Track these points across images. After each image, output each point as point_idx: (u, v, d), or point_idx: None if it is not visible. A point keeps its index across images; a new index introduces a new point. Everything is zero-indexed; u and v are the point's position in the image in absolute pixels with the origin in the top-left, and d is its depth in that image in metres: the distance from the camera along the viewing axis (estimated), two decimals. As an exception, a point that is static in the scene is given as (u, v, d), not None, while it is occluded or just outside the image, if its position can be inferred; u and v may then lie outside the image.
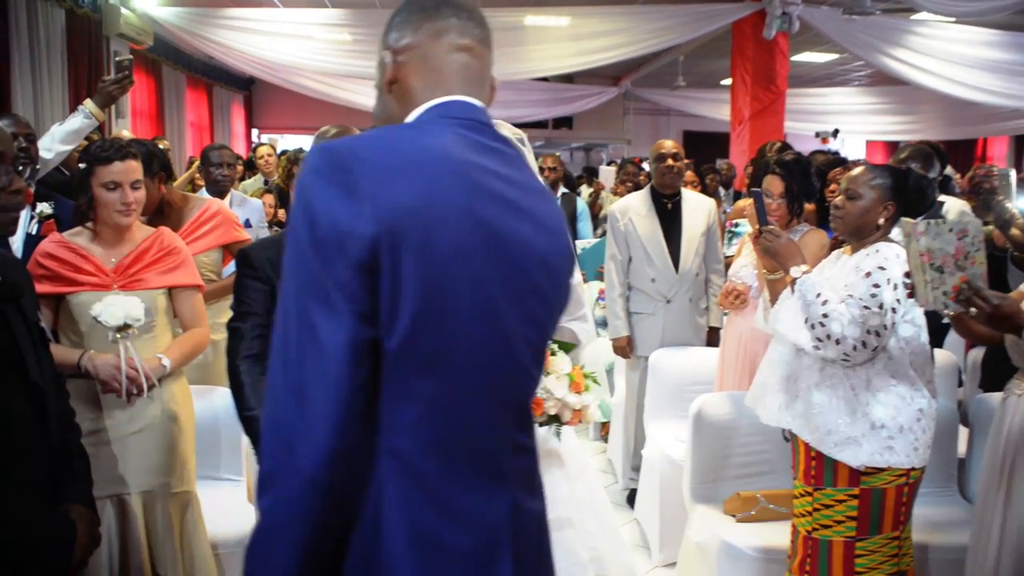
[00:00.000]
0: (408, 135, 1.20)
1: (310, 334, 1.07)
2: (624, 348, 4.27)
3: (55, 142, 3.42)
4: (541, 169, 5.97)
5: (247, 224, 4.44)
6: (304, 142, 10.71)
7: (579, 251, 5.53)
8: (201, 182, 6.56)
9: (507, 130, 2.36)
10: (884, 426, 2.42)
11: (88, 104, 3.38)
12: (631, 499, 4.32)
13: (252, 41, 9.48)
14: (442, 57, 1.27)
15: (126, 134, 6.06)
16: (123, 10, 8.44)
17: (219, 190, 4.43)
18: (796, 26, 7.73)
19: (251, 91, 14.50)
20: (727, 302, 3.54)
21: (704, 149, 13.07)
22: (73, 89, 7.87)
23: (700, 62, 11.78)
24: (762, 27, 7.76)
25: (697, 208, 4.25)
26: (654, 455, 3.82)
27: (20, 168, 3.10)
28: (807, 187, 3.37)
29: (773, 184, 3.33)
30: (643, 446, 4.08)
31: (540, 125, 14.55)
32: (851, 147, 14.87)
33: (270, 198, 5.91)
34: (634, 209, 4.26)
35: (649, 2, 8.65)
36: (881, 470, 2.42)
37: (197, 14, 9.16)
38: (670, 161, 4.17)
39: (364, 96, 11.76)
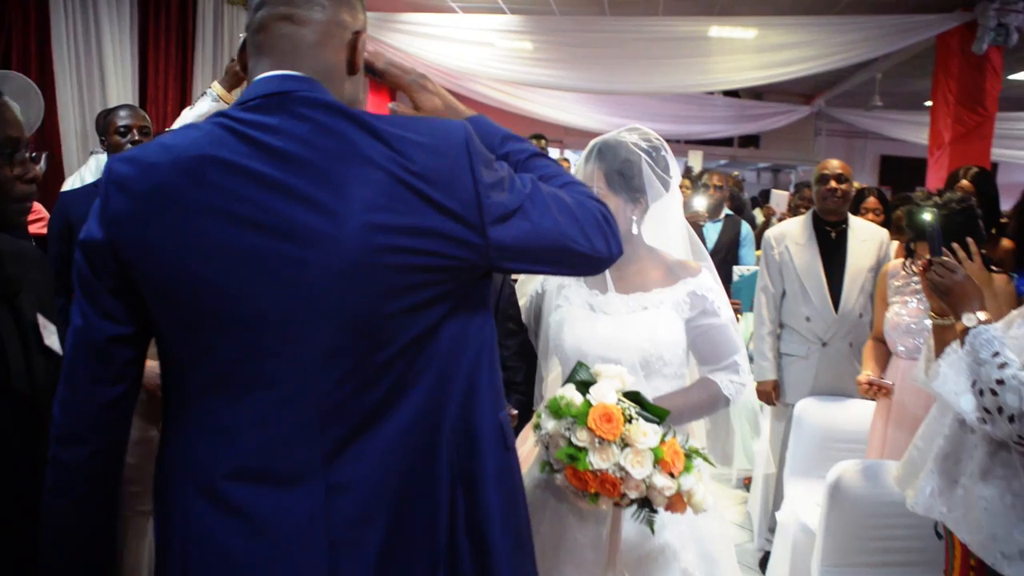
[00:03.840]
0: (167, 138, 1.24)
1: (70, 326, 1.27)
2: (769, 394, 3.79)
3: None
4: (705, 186, 5.51)
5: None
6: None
7: (736, 278, 5.03)
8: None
9: (637, 136, 2.02)
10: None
11: (215, 87, 3.26)
12: (763, 563, 3.81)
13: (430, 47, 9.50)
14: None
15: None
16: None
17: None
18: (1014, 39, 6.79)
19: (436, 97, 14.63)
20: (869, 392, 3.04)
21: (904, 176, 12.02)
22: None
23: (900, 80, 10.79)
24: (971, 40, 6.87)
25: (866, 239, 3.70)
26: (788, 519, 3.32)
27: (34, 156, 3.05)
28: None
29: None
30: (780, 506, 3.58)
31: (725, 143, 13.90)
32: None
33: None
34: (791, 236, 3.76)
35: (842, 13, 7.94)
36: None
37: (376, 19, 9.25)
38: (833, 183, 3.66)
39: (546, 107, 11.64)
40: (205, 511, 1.18)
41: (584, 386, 1.79)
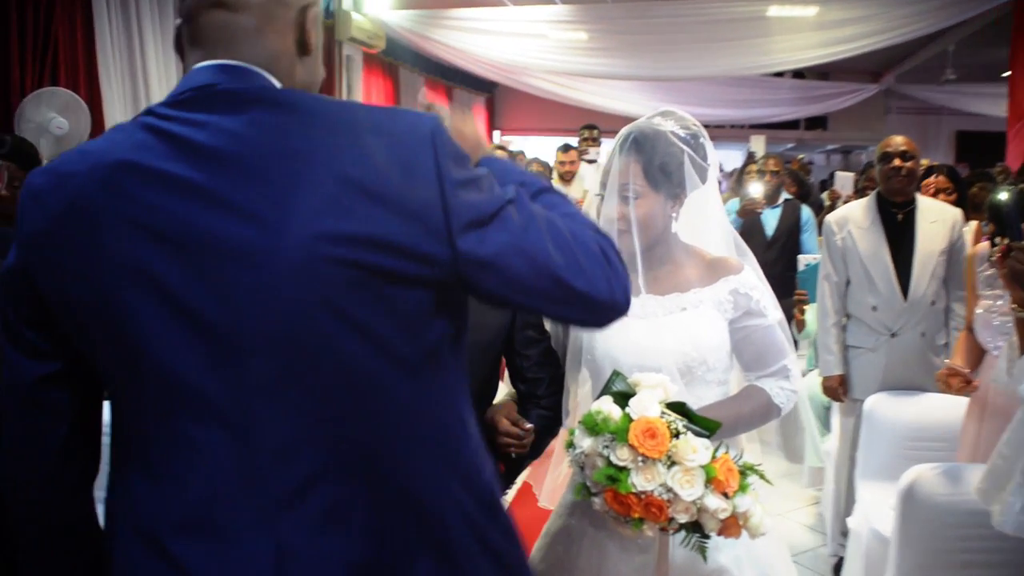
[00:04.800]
0: (89, 142, 1.11)
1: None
2: (835, 389, 3.54)
3: None
4: (762, 172, 5.24)
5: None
6: (547, 144, 10.47)
7: (802, 267, 4.76)
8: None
9: (674, 122, 1.84)
10: None
11: None
12: (838, 569, 3.57)
13: (481, 41, 9.39)
14: None
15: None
16: (355, 15, 8.58)
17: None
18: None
19: (493, 93, 14.57)
20: (949, 385, 2.68)
21: (982, 152, 11.43)
22: (304, 91, 8.08)
23: (975, 51, 10.22)
24: (1052, 3, 6.44)
25: (936, 220, 3.42)
26: (861, 526, 3.08)
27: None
28: None
29: None
30: (852, 510, 3.33)
31: (791, 126, 13.49)
32: None
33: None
34: (854, 220, 3.51)
35: (907, -17, 7.56)
36: None
37: (426, 16, 9.17)
38: (897, 161, 3.38)
39: (601, 97, 11.42)
40: (149, 566, 1.03)
41: (622, 398, 1.60)
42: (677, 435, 1.53)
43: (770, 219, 5.13)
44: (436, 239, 1.03)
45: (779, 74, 10.70)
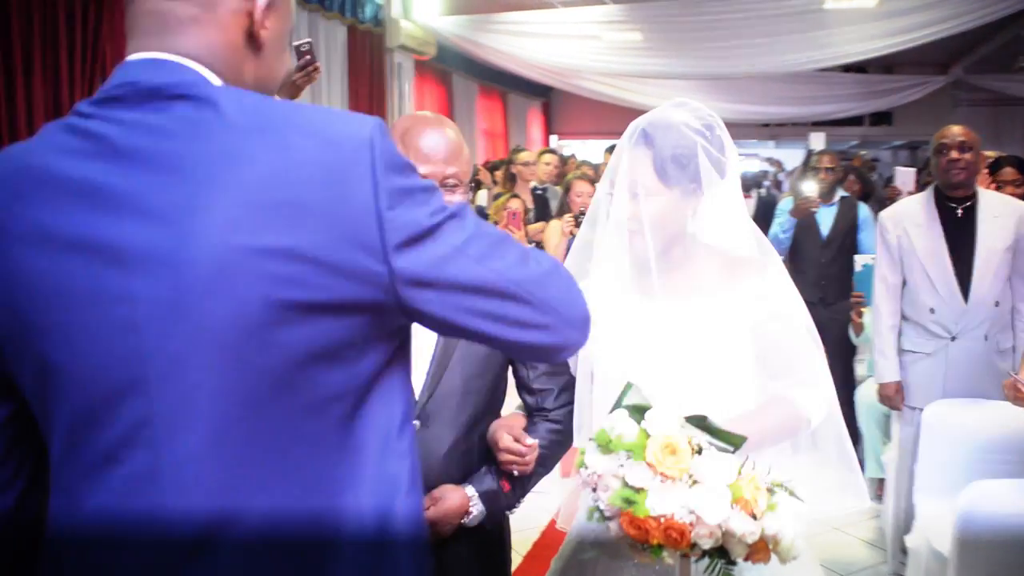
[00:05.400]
0: (14, 145, 1.02)
1: None
2: (891, 397, 3.32)
3: None
4: (816, 169, 5.00)
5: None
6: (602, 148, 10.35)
7: (859, 268, 4.53)
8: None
9: (688, 113, 1.69)
10: None
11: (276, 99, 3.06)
12: (898, 589, 3.36)
13: (532, 45, 9.29)
14: None
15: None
16: (403, 22, 8.56)
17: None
18: None
19: (549, 98, 14.47)
20: (1017, 394, 2.47)
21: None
22: (353, 101, 8.08)
23: (1053, 37, 9.78)
24: None
25: (1000, 214, 3.18)
26: (920, 544, 2.88)
27: None
28: None
29: None
30: (912, 527, 3.12)
31: (854, 122, 13.07)
32: None
33: (517, 202, 5.46)
34: (911, 217, 3.29)
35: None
36: None
37: (476, 21, 9.10)
38: (954, 153, 3.15)
39: (656, 98, 11.19)
40: None
41: (638, 412, 1.46)
42: (699, 451, 1.38)
43: (825, 218, 4.89)
44: (369, 255, 0.92)
45: (852, 68, 10.35)
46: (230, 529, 0.92)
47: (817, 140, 10.40)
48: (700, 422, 1.46)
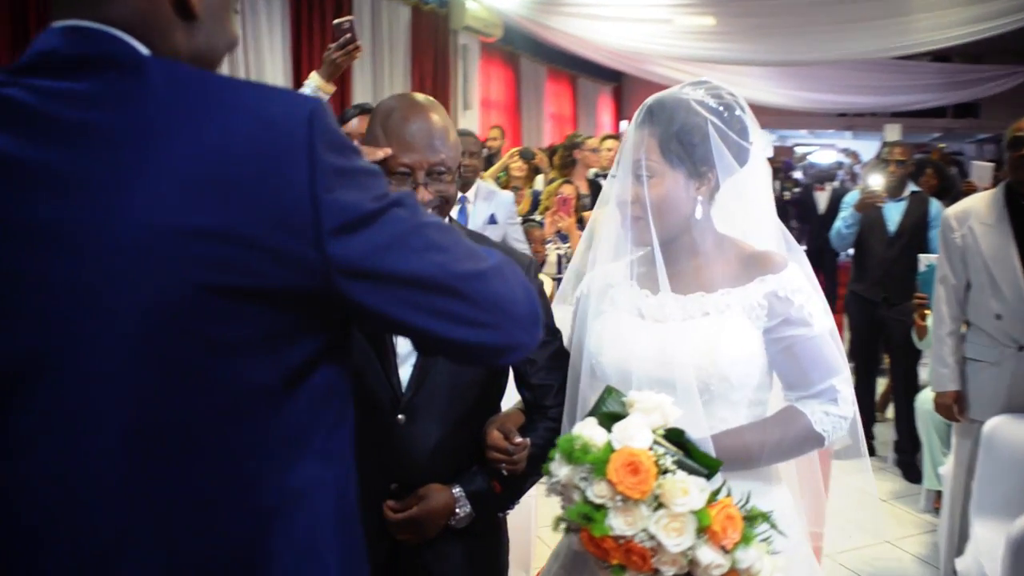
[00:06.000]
0: None
1: None
2: (949, 407, 3.10)
3: None
4: (885, 161, 4.74)
5: (492, 220, 3.94)
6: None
7: (923, 268, 4.27)
8: (519, 172, 6.28)
9: (704, 91, 1.55)
10: None
11: (314, 78, 2.98)
12: (950, 612, 3.15)
13: (602, 28, 9.09)
14: None
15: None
16: (469, 3, 8.45)
17: (461, 181, 3.98)
18: None
19: (621, 82, 14.24)
20: None
21: None
22: (417, 83, 8.02)
23: None
24: None
25: (1077, 216, 2.93)
26: (971, 569, 2.68)
27: None
28: None
29: None
30: (964, 549, 2.91)
31: (937, 113, 12.55)
32: None
33: (570, 188, 5.32)
34: (977, 215, 3.05)
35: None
36: None
37: (544, 2, 8.93)
38: (1027, 148, 2.91)
39: (728, 85, 10.86)
40: None
41: (612, 420, 1.34)
42: (666, 472, 1.26)
43: (893, 213, 4.64)
44: (301, 240, 0.86)
45: (934, 56, 9.91)
46: (143, 527, 0.87)
47: (892, 131, 9.96)
48: (677, 437, 1.34)
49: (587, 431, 1.33)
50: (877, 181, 4.43)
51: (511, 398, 1.74)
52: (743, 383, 1.50)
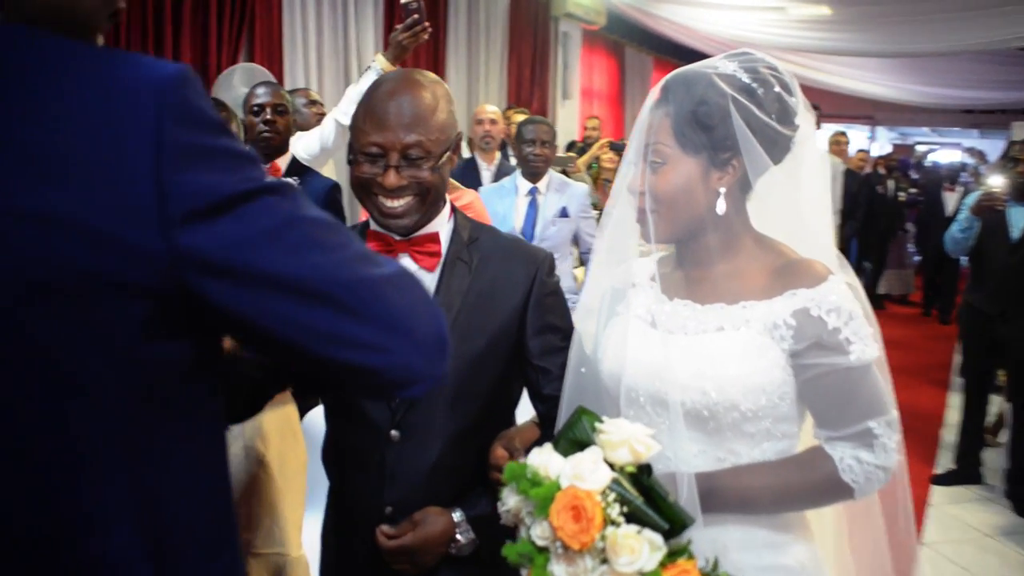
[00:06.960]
0: None
1: None
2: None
3: (350, 104, 3.03)
4: (1014, 160, 4.33)
5: (563, 213, 3.76)
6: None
7: None
8: (610, 164, 6.09)
9: (736, 64, 1.30)
10: None
11: (380, 60, 2.89)
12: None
13: (711, 17, 8.80)
14: None
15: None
16: (571, -10, 8.28)
17: (531, 170, 3.82)
18: None
19: (730, 74, 13.79)
20: None
21: None
22: (514, 72, 7.89)
23: None
24: None
25: None
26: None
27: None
28: None
29: None
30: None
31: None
32: None
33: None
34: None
35: None
36: None
37: (645, -8, 8.69)
38: None
39: (842, 77, 10.47)
40: None
41: (576, 448, 1.14)
42: (614, 523, 1.06)
43: (1018, 218, 4.23)
44: (142, 226, 0.74)
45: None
46: None
47: (1021, 130, 9.30)
48: (643, 480, 1.11)
49: (542, 459, 1.13)
50: (998, 182, 4.05)
51: (526, 411, 1.55)
52: (758, 414, 1.26)
